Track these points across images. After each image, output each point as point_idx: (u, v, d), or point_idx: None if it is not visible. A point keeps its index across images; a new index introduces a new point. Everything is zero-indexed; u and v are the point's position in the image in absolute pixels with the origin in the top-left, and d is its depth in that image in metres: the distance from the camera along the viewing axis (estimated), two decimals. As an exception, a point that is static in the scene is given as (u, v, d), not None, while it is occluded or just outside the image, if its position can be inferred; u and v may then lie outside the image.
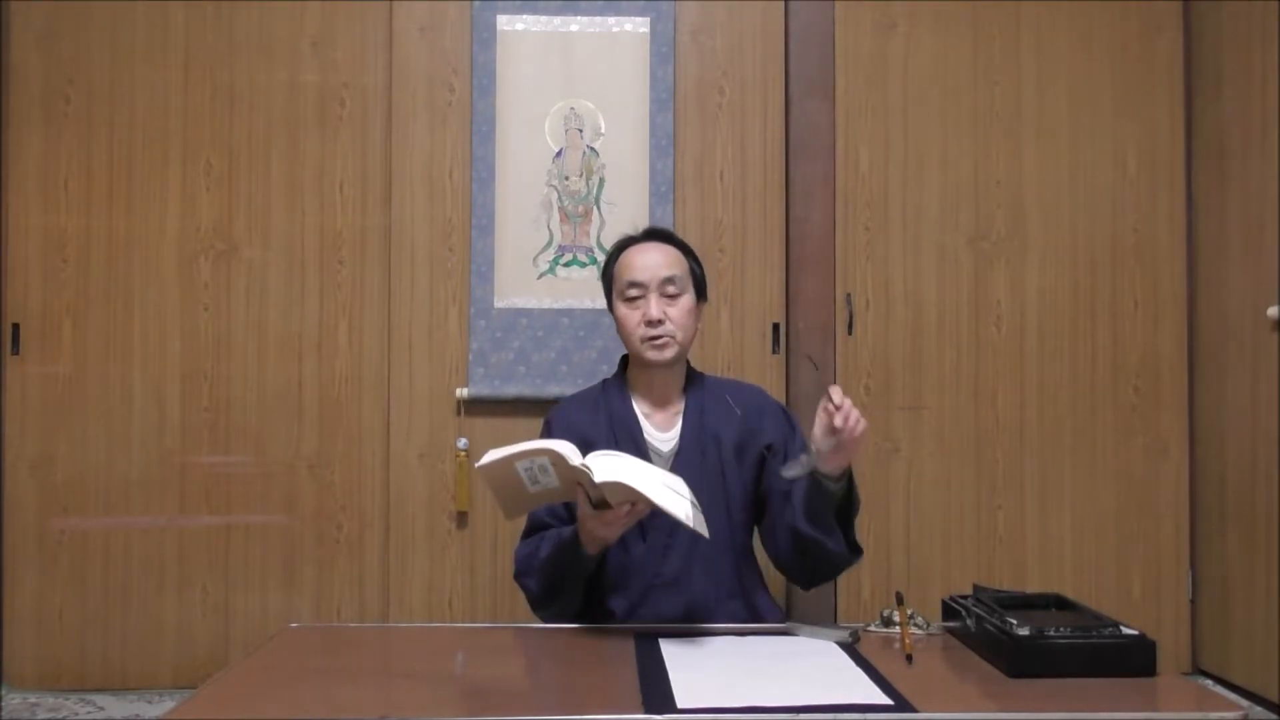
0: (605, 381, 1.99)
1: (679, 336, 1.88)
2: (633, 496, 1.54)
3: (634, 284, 1.88)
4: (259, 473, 2.68)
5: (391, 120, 2.71)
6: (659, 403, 1.93)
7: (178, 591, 2.65)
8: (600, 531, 1.64)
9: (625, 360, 2.01)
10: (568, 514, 1.88)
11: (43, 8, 2.68)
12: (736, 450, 1.89)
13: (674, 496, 1.54)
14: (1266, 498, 2.47)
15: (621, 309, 1.91)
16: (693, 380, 1.97)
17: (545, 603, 1.83)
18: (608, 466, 1.54)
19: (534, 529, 1.89)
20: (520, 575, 1.86)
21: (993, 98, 2.77)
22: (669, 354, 1.88)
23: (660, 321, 1.86)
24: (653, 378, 1.92)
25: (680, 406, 1.93)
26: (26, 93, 2.68)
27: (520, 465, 1.57)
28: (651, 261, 1.89)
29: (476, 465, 1.58)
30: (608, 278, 1.98)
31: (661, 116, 2.71)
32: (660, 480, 1.57)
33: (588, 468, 1.52)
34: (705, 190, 2.74)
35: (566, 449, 1.55)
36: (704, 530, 1.58)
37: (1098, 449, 2.75)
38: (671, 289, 1.88)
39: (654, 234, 1.97)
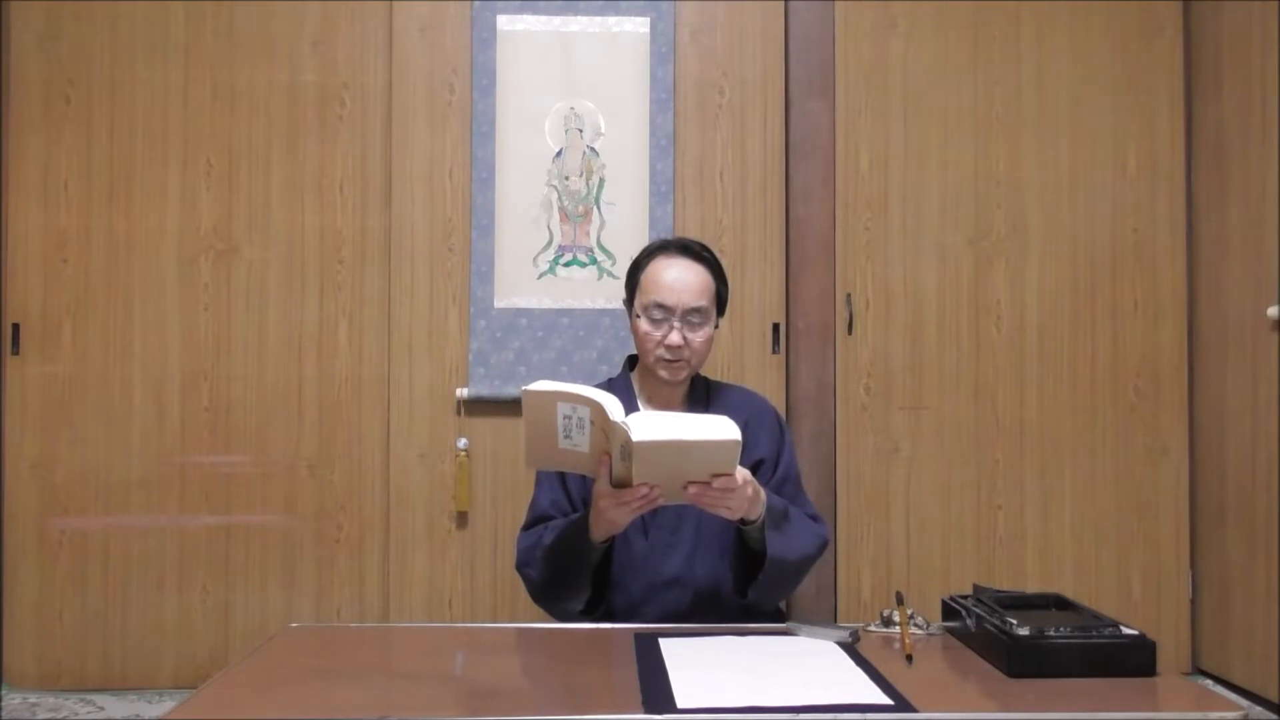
0: (611, 380, 2.00)
1: (694, 362, 1.91)
2: (666, 458, 1.52)
3: (660, 306, 1.87)
4: (259, 473, 2.68)
5: (391, 120, 2.71)
6: (664, 407, 1.94)
7: (178, 591, 2.65)
8: (612, 513, 1.64)
9: (632, 359, 2.01)
10: (571, 508, 1.89)
11: (43, 8, 2.68)
12: None
13: (720, 429, 1.53)
14: (1266, 498, 2.47)
15: (642, 324, 1.89)
16: (698, 386, 1.98)
17: (546, 592, 1.83)
18: (647, 426, 1.51)
19: (537, 520, 1.89)
20: (522, 566, 1.86)
21: (993, 98, 2.77)
22: (682, 376, 1.91)
23: (680, 348, 1.87)
24: (660, 384, 1.93)
25: (684, 411, 1.93)
26: (26, 93, 2.68)
27: (562, 409, 1.56)
28: (681, 285, 1.87)
29: (523, 388, 1.56)
30: (632, 282, 1.95)
31: (661, 116, 2.71)
32: (703, 421, 1.56)
33: (627, 425, 1.50)
34: (705, 190, 2.74)
35: (611, 403, 1.53)
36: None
37: (1098, 449, 2.75)
38: (695, 319, 1.88)
39: (688, 249, 1.93)
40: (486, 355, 2.68)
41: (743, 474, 1.61)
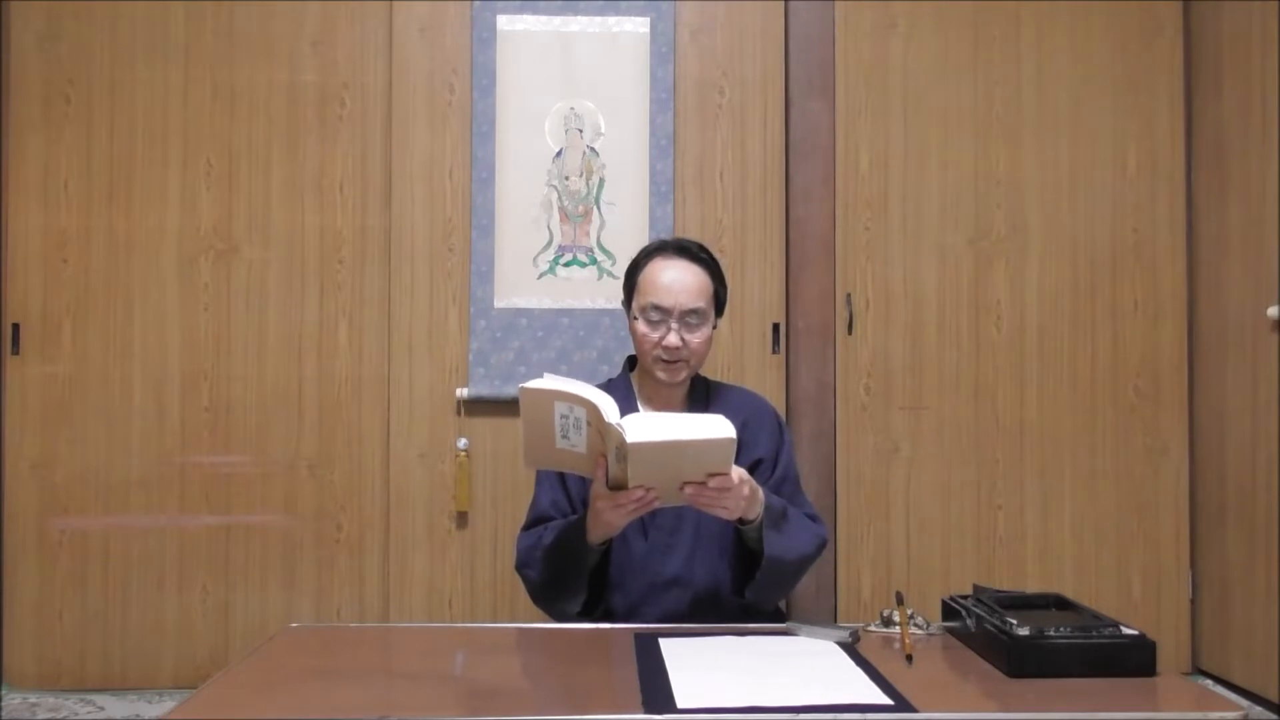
0: (611, 381, 1.99)
1: (693, 363, 1.91)
2: (661, 458, 1.52)
3: (657, 308, 1.87)
4: (259, 473, 2.68)
5: (391, 120, 2.71)
6: (663, 408, 1.94)
7: (178, 591, 2.65)
8: (608, 514, 1.64)
9: (632, 359, 2.01)
10: (571, 509, 1.89)
11: (43, 8, 2.68)
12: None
13: (715, 428, 1.53)
14: (1266, 498, 2.47)
15: (640, 325, 1.89)
16: (698, 386, 1.98)
17: (545, 593, 1.83)
18: (642, 428, 1.51)
19: (537, 521, 1.89)
20: (521, 566, 1.86)
21: (993, 98, 2.77)
22: (680, 377, 1.91)
23: (678, 349, 1.86)
24: (660, 385, 1.93)
25: (684, 412, 1.93)
26: (26, 93, 2.68)
27: (559, 408, 1.56)
28: (679, 286, 1.87)
29: (521, 386, 1.57)
30: (630, 283, 1.95)
31: (661, 116, 2.71)
32: (698, 421, 1.56)
33: (622, 427, 1.49)
34: (705, 190, 2.74)
35: (607, 404, 1.53)
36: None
37: (1098, 449, 2.75)
38: (693, 320, 1.88)
39: (686, 250, 1.93)
40: (486, 355, 2.68)
41: (739, 473, 1.61)
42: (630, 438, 1.48)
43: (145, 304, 2.68)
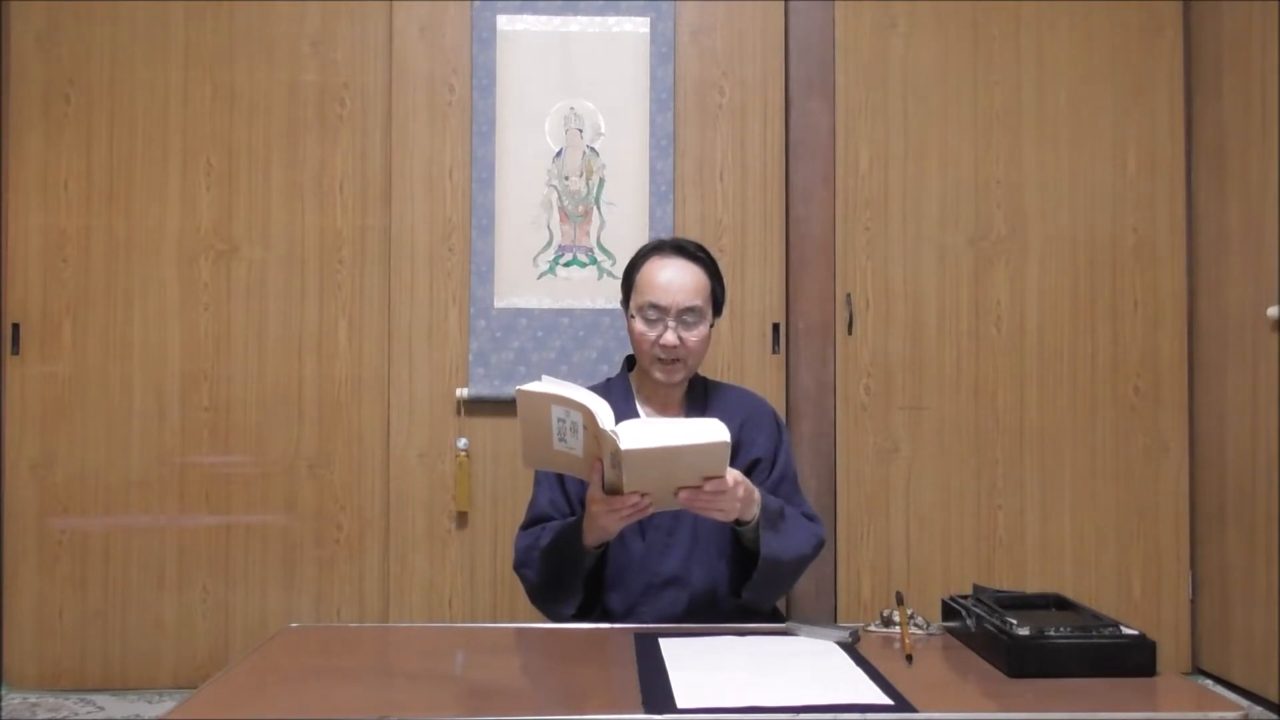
0: (610, 381, 2.00)
1: (690, 362, 1.91)
2: (656, 464, 1.52)
3: (655, 306, 1.87)
4: (259, 473, 2.68)
5: (391, 120, 2.71)
6: (661, 408, 1.95)
7: (178, 591, 2.65)
8: (603, 519, 1.64)
9: (630, 359, 2.01)
10: (569, 509, 1.89)
11: (43, 8, 2.68)
12: (730, 456, 1.90)
13: (709, 432, 1.53)
14: (1266, 498, 2.47)
15: (637, 324, 1.90)
16: (696, 386, 1.98)
17: (543, 594, 1.84)
18: (636, 434, 1.51)
19: (535, 520, 1.90)
20: (519, 566, 1.87)
21: (993, 98, 2.77)
22: (678, 377, 1.91)
23: (675, 347, 1.86)
24: (658, 385, 1.93)
25: (682, 412, 1.94)
26: (26, 93, 2.68)
27: (556, 411, 1.56)
28: (676, 285, 1.88)
29: (518, 388, 1.58)
30: (628, 282, 1.96)
31: (661, 116, 2.71)
32: (692, 425, 1.56)
33: (616, 434, 1.50)
34: (705, 190, 2.74)
35: (602, 409, 1.53)
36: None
37: (1098, 449, 2.75)
38: (690, 318, 1.88)
39: (683, 249, 1.93)
40: (486, 355, 2.68)
41: (734, 475, 1.61)
42: (624, 445, 1.49)
43: (145, 304, 2.68)
